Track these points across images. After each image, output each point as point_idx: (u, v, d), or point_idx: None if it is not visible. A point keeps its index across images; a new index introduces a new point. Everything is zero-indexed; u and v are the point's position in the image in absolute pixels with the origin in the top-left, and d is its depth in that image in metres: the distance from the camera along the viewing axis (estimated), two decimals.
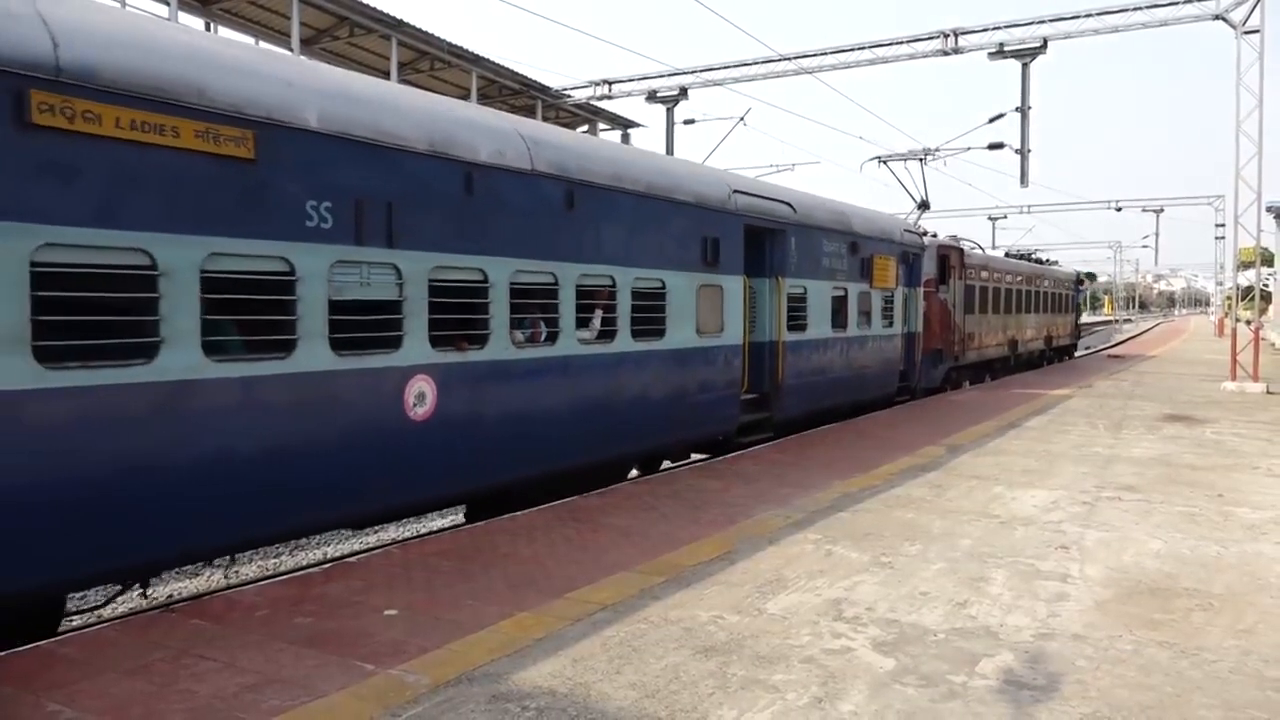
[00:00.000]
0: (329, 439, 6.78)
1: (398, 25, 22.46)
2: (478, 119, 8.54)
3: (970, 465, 10.71)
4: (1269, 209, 34.96)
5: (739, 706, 4.27)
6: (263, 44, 22.34)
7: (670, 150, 27.45)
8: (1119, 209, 55.27)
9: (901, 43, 23.76)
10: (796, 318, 13.63)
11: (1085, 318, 55.63)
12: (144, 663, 4.73)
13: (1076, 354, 38.53)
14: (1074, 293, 38.05)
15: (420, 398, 7.50)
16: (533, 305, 8.82)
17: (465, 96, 25.16)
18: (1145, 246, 70.32)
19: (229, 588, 6.42)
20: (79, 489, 5.31)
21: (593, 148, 10.25)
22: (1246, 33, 19.78)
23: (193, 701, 4.27)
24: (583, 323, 9.44)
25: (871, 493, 9.07)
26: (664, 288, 10.51)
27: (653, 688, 4.47)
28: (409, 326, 7.32)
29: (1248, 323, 25.04)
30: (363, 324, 7.00)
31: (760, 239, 12.90)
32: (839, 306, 15.02)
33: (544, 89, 28.28)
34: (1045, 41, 21.87)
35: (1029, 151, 22.83)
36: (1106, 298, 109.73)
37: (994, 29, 22.52)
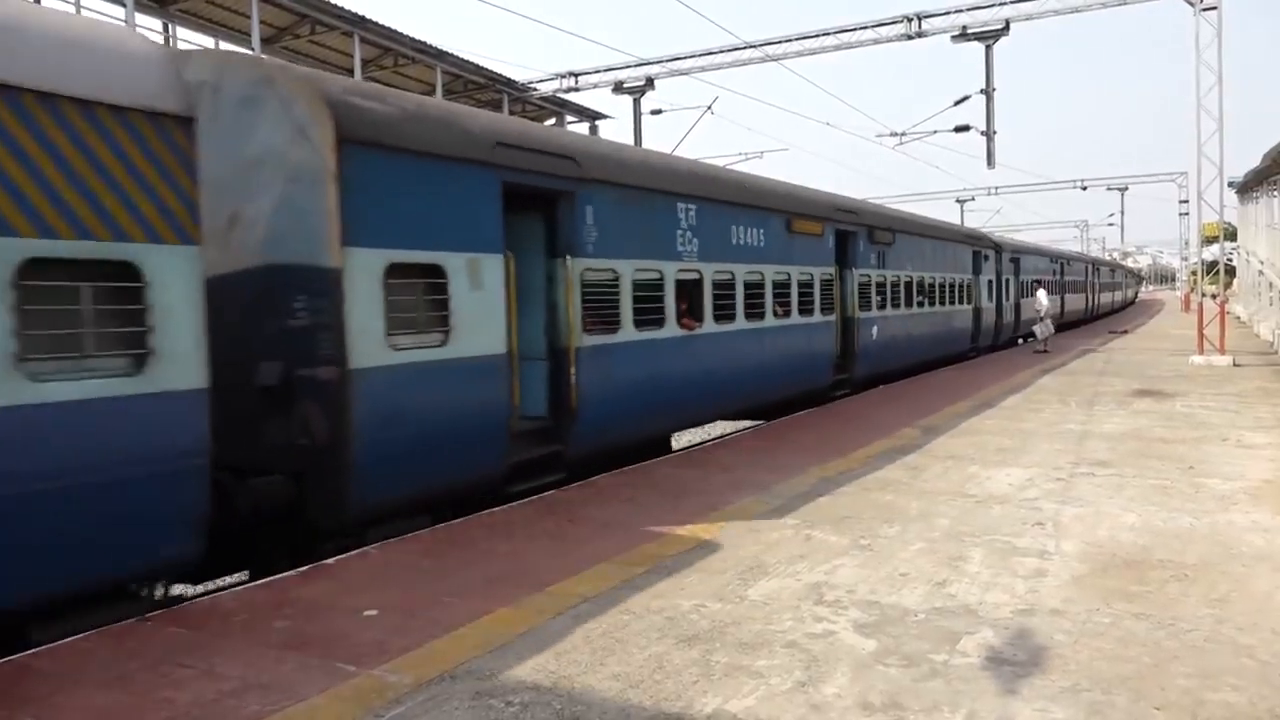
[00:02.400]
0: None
1: (360, 22, 22.23)
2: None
3: (946, 446, 10.80)
4: (1231, 184, 35.43)
5: (723, 694, 4.27)
6: (223, 45, 22.03)
7: (638, 141, 27.40)
8: (1084, 188, 55.96)
9: (866, 28, 23.88)
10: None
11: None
12: (121, 673, 4.66)
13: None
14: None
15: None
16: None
17: (430, 92, 24.95)
18: (1111, 224, 71.19)
19: (206, 594, 6.33)
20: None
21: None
22: (1205, 9, 20.01)
23: (172, 710, 4.22)
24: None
25: (849, 476, 9.12)
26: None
27: (636, 678, 4.47)
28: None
29: (1213, 297, 25.39)
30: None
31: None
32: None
33: (510, 83, 28.12)
34: (1007, 23, 22.05)
35: (994, 133, 23.04)
36: None
37: (956, 12, 22.67)
